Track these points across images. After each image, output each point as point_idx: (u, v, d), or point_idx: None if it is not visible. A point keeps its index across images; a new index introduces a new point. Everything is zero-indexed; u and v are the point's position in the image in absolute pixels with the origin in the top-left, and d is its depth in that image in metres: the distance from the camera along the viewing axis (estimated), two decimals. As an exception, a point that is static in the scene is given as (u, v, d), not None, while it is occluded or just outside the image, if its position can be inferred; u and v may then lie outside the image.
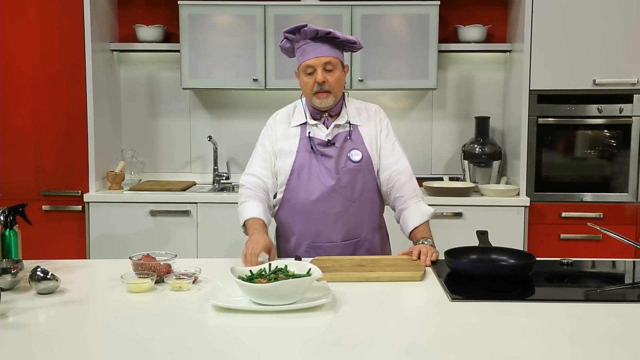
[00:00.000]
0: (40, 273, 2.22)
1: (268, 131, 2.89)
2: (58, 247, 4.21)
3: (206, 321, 2.02)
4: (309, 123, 2.81)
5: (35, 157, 4.33)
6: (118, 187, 4.44)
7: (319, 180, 2.74)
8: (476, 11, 4.68)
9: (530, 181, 4.28)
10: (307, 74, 2.74)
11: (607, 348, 1.79)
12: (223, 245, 4.19)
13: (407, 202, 2.79)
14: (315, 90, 2.73)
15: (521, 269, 2.40)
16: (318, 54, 2.71)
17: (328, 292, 2.14)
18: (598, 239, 4.20)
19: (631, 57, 4.16)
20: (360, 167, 2.77)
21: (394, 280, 2.38)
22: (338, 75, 2.75)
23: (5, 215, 2.41)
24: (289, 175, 2.77)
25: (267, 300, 2.06)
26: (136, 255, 2.41)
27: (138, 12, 4.73)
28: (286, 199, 2.81)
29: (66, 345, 1.83)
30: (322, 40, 2.72)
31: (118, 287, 2.30)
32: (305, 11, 4.41)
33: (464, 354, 1.76)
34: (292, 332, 1.92)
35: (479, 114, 4.70)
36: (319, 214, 2.75)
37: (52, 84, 4.29)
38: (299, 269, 2.21)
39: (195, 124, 4.84)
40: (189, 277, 2.32)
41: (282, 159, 2.80)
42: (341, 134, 2.79)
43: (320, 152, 2.75)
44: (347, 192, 2.75)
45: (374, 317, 2.06)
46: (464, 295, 2.19)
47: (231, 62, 4.45)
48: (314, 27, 2.70)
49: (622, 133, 4.24)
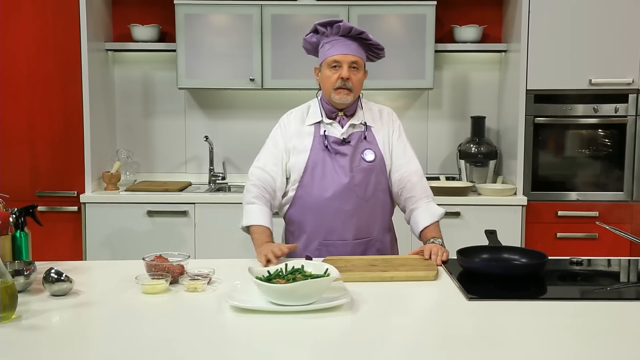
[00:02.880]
0: (54, 275, 2.20)
1: (281, 128, 2.86)
2: (54, 249, 4.16)
3: (225, 322, 2.02)
4: (324, 121, 2.81)
5: (31, 158, 4.28)
6: (114, 187, 4.41)
7: (332, 177, 2.74)
8: (471, 11, 4.70)
9: (527, 180, 4.30)
10: (332, 68, 2.73)
11: (630, 345, 1.81)
12: (221, 246, 4.17)
13: (418, 202, 2.80)
14: (337, 86, 2.72)
15: (535, 268, 2.42)
16: (347, 51, 2.72)
17: (346, 292, 2.14)
18: (594, 238, 4.25)
19: (626, 57, 4.20)
20: (374, 166, 2.78)
21: (408, 279, 2.39)
22: (360, 76, 2.77)
23: (16, 217, 2.39)
24: (302, 172, 2.77)
25: (286, 300, 2.06)
26: (149, 256, 2.39)
27: (133, 11, 4.69)
28: (299, 196, 2.80)
29: (84, 347, 1.82)
30: (352, 39, 2.73)
31: (132, 288, 2.28)
32: (302, 11, 4.40)
33: (488, 353, 1.77)
34: (312, 332, 1.92)
35: (474, 114, 4.72)
36: (332, 211, 2.75)
37: (48, 84, 4.25)
38: (315, 269, 2.21)
39: (191, 124, 4.82)
40: (203, 277, 2.30)
41: (295, 156, 2.79)
42: (356, 134, 2.80)
43: (335, 150, 2.76)
44: (360, 191, 2.75)
45: (393, 316, 2.07)
46: (480, 295, 2.20)
47: (228, 62, 4.44)
48: (349, 24, 2.72)
49: (617, 132, 4.28)
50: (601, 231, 4.21)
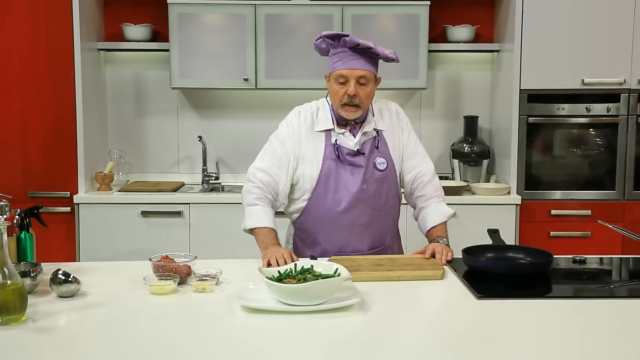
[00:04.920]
0: (61, 276, 2.18)
1: (289, 130, 2.75)
2: (47, 250, 4.09)
3: (237, 322, 2.01)
4: (335, 130, 2.73)
5: (23, 158, 4.24)
6: (107, 188, 4.38)
7: (346, 189, 2.69)
8: (464, 11, 4.72)
9: (520, 180, 4.33)
10: (339, 83, 2.65)
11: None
12: (216, 246, 4.15)
13: (428, 201, 2.80)
14: (344, 102, 2.65)
15: (541, 267, 2.44)
16: (354, 66, 2.63)
17: (356, 292, 2.14)
18: (586, 236, 4.29)
19: (619, 57, 4.24)
20: (386, 175, 2.74)
21: (415, 279, 2.40)
22: (370, 90, 2.67)
23: (21, 218, 2.36)
24: (315, 184, 2.70)
25: (297, 300, 2.06)
26: (155, 257, 2.38)
27: (125, 10, 4.66)
28: (311, 207, 2.74)
29: (96, 349, 1.81)
30: (360, 53, 2.64)
31: (140, 289, 2.27)
32: (296, 11, 4.39)
33: (502, 351, 1.79)
34: (325, 332, 1.92)
35: (467, 114, 4.74)
36: (347, 225, 2.71)
37: (40, 84, 4.21)
38: (325, 269, 2.21)
39: (183, 124, 4.80)
40: (211, 278, 2.29)
41: (306, 165, 2.71)
42: (368, 142, 2.74)
43: (349, 161, 2.70)
44: (374, 202, 2.72)
45: (405, 316, 2.07)
46: (489, 294, 2.21)
47: (221, 62, 4.42)
48: (356, 39, 2.61)
49: (609, 132, 4.32)
50: (594, 229, 4.26)
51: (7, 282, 1.93)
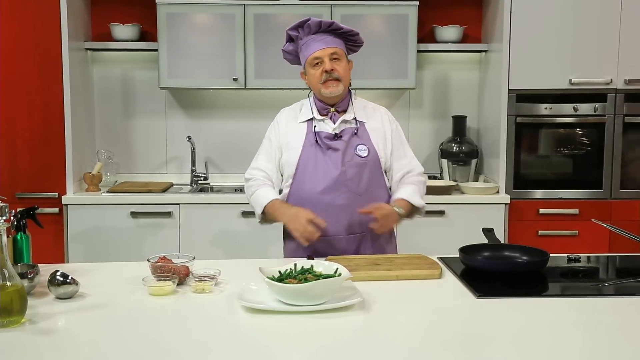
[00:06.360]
0: (60, 277, 2.17)
1: (274, 126, 2.91)
2: (35, 252, 4.06)
3: (238, 322, 2.01)
4: (315, 118, 2.84)
5: (10, 159, 4.20)
6: (95, 188, 4.35)
7: (324, 172, 2.76)
8: (452, 12, 4.74)
9: (509, 179, 4.36)
10: (315, 65, 2.77)
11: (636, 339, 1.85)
12: (206, 246, 4.15)
13: (407, 184, 2.84)
14: (324, 79, 2.75)
15: (537, 265, 2.46)
16: (324, 44, 2.76)
17: (356, 291, 2.15)
18: (574, 235, 4.32)
19: (605, 57, 4.28)
20: (367, 161, 2.79)
21: (413, 278, 2.41)
22: (345, 65, 2.80)
23: (17, 219, 2.34)
24: (295, 169, 2.80)
25: (298, 300, 2.06)
26: (153, 258, 2.37)
27: (113, 10, 4.63)
28: (292, 192, 2.82)
29: (97, 351, 1.80)
30: (325, 33, 2.78)
31: (138, 290, 2.26)
32: (285, 10, 4.39)
33: (505, 349, 1.80)
34: (326, 332, 1.92)
35: (455, 113, 4.77)
36: (325, 206, 2.75)
37: (27, 84, 4.17)
38: (325, 269, 2.21)
39: (171, 124, 4.78)
40: (210, 279, 2.29)
41: (287, 152, 2.83)
42: (348, 129, 2.82)
43: (326, 145, 2.78)
44: (353, 185, 2.77)
45: (406, 315, 2.08)
46: (488, 292, 2.22)
47: (210, 62, 4.41)
48: (317, 19, 2.76)
49: (596, 131, 4.36)
50: (581, 228, 4.30)
51: (7, 283, 1.92)
